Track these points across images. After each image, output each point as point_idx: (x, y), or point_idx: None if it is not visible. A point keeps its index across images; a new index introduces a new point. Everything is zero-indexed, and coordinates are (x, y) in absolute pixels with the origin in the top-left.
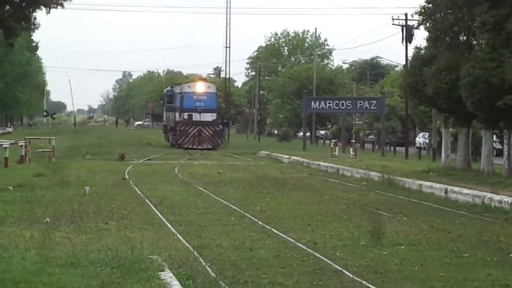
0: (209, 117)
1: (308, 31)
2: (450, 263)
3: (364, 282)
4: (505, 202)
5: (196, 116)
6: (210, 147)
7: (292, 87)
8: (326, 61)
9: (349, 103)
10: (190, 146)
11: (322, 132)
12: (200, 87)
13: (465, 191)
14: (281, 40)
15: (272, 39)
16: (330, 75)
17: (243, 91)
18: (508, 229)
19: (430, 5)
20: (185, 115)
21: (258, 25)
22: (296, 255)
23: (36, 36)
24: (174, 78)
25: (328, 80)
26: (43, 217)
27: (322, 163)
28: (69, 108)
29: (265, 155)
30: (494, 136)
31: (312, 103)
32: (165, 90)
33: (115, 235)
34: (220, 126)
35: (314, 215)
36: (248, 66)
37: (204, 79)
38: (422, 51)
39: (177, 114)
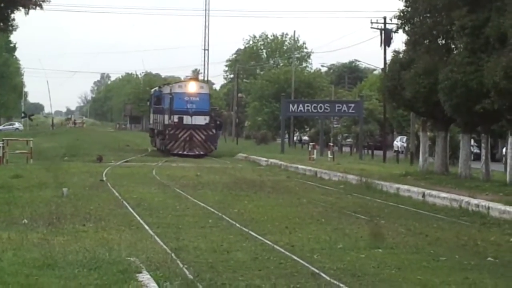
0: (201, 120)
1: (286, 34)
2: (427, 267)
3: (341, 285)
4: (482, 206)
5: (187, 119)
6: (202, 153)
7: (271, 90)
8: (304, 64)
9: (327, 106)
10: (180, 152)
11: (306, 138)
12: (191, 87)
13: (443, 194)
14: (260, 43)
15: (251, 42)
16: (308, 78)
17: (221, 93)
18: (485, 233)
19: (409, 9)
20: (175, 118)
21: (236, 28)
22: (273, 257)
23: (14, 37)
24: (152, 80)
25: (307, 83)
26: (21, 219)
27: (300, 166)
28: (47, 110)
29: (243, 157)
30: (472, 140)
31: (291, 106)
32: (152, 90)
33: (93, 236)
34: (214, 130)
35: (292, 218)
36: (226, 68)
37: (196, 79)
38: (401, 55)
39: (166, 117)
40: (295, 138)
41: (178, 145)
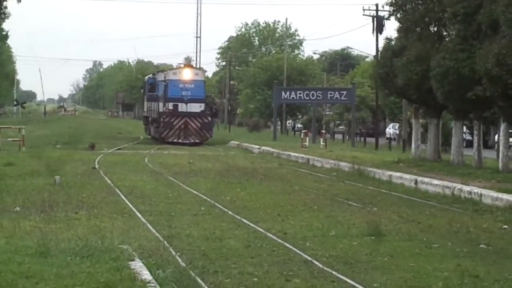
0: (196, 107)
1: (278, 21)
2: (419, 254)
3: (334, 273)
4: (475, 193)
5: (182, 107)
6: (197, 141)
7: (263, 78)
8: (296, 52)
9: (319, 93)
10: (175, 140)
11: (300, 125)
12: (186, 74)
13: (435, 182)
14: (252, 30)
15: (243, 29)
16: (300, 66)
17: (214, 81)
18: (477, 220)
19: None
20: (170, 106)
21: (229, 15)
22: (266, 245)
23: (6, 24)
24: (145, 67)
25: (299, 70)
26: (13, 206)
27: (292, 154)
28: (39, 98)
29: (235, 145)
30: (464, 127)
31: (283, 93)
32: (146, 77)
33: (85, 224)
34: (209, 118)
35: (284, 205)
36: (218, 56)
37: (191, 66)
38: (393, 42)
39: (160, 104)
40: (288, 124)
41: (173, 133)
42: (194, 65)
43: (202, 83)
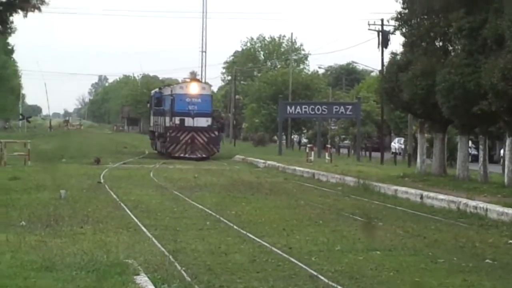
0: (203, 122)
1: (284, 36)
2: (425, 269)
3: (339, 287)
4: (480, 207)
5: (188, 121)
6: (204, 156)
7: (268, 92)
8: (302, 66)
9: (324, 108)
10: (181, 155)
11: (305, 140)
12: (193, 89)
13: (441, 196)
14: (257, 45)
15: (248, 44)
16: (306, 80)
17: (219, 95)
18: (483, 234)
19: (406, 11)
20: (177, 120)
21: (234, 30)
22: (271, 259)
23: (12, 39)
24: (150, 82)
25: (304, 85)
26: (19, 221)
27: (297, 168)
28: (44, 112)
29: (240, 159)
30: (470, 142)
31: (288, 108)
32: (152, 92)
33: (91, 239)
34: (216, 133)
35: (290, 220)
36: (224, 70)
37: (198, 80)
38: (398, 57)
39: (167, 119)
40: (294, 139)
41: (179, 148)
42: (200, 80)
43: (209, 97)
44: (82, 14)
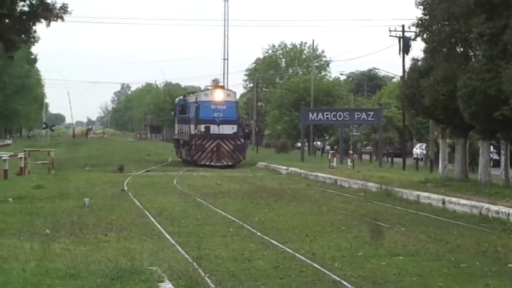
0: (229, 129)
1: (305, 43)
2: (448, 274)
3: None
4: (503, 212)
5: (214, 129)
6: (230, 163)
7: (290, 99)
8: (323, 73)
9: (346, 114)
10: (207, 163)
11: (328, 146)
12: (218, 95)
13: (463, 201)
14: (279, 52)
15: (270, 51)
16: (327, 87)
17: (241, 102)
18: (505, 239)
19: (427, 17)
20: (202, 128)
21: (256, 37)
22: (294, 265)
23: (35, 48)
24: (172, 90)
25: (326, 91)
26: (43, 229)
27: (320, 174)
28: (68, 120)
29: (263, 166)
30: (491, 147)
31: (310, 114)
32: (176, 99)
33: (115, 246)
34: (242, 140)
35: (313, 226)
36: (246, 78)
37: (223, 87)
38: (419, 63)
39: (192, 127)
40: (319, 144)
41: (205, 155)
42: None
43: (234, 104)
44: (105, 22)
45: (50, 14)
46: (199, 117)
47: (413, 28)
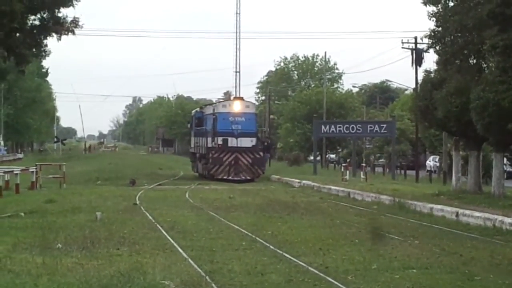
0: (247, 142)
1: (317, 55)
2: (462, 286)
3: None
4: None
5: (232, 141)
6: (249, 178)
7: (302, 111)
8: (336, 85)
9: (359, 127)
10: (225, 177)
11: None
12: (237, 107)
13: (476, 214)
14: (291, 64)
15: (282, 64)
16: (340, 99)
17: None
18: None
19: (440, 29)
20: (219, 140)
21: (268, 49)
22: (308, 279)
23: (46, 62)
24: (184, 103)
25: (338, 104)
26: (55, 243)
27: (333, 187)
28: (79, 134)
29: (275, 179)
30: (505, 159)
31: (323, 127)
32: (193, 111)
33: (127, 260)
34: (261, 153)
35: (326, 239)
36: (258, 90)
37: (241, 98)
38: (432, 74)
39: (209, 139)
40: (334, 156)
41: (222, 169)
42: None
43: (253, 116)
44: (116, 36)
45: (61, 28)
46: (216, 129)
47: (426, 40)
